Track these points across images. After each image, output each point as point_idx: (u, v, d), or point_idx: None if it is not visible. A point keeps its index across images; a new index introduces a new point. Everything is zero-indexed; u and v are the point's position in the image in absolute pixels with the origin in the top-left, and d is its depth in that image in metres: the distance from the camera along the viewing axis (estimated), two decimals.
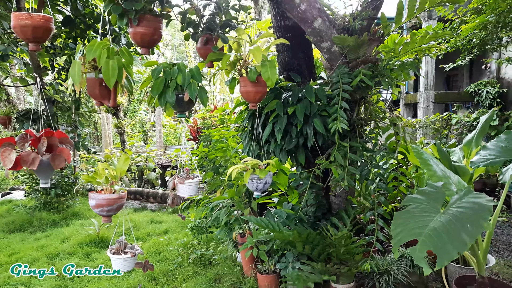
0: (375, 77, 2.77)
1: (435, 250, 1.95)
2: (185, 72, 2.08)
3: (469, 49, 6.42)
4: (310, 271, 2.86)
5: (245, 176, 2.42)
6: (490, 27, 5.54)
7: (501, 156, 2.69)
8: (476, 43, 6.13)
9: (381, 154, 3.07)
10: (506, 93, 7.97)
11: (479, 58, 7.67)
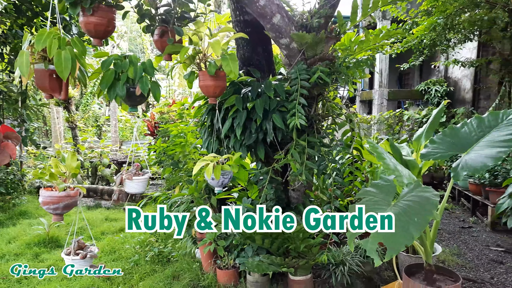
0: (332, 74, 2.84)
1: (385, 242, 2.05)
2: (137, 65, 2.01)
3: (420, 49, 6.76)
4: (270, 263, 2.89)
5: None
6: (439, 29, 5.87)
7: (448, 150, 2.85)
8: (427, 44, 6.46)
9: (337, 149, 3.16)
10: (453, 91, 8.48)
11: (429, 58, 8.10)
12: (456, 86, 8.40)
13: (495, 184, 5.02)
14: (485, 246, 4.39)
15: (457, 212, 5.93)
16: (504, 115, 2.79)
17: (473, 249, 4.30)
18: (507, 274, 3.64)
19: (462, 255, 4.14)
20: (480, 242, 4.53)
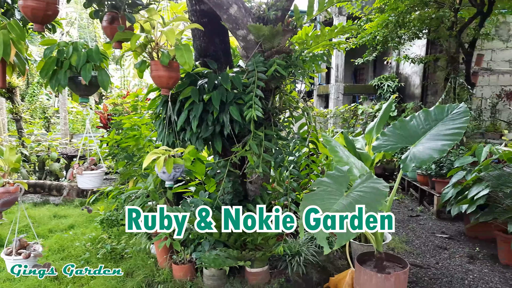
0: (289, 67, 2.85)
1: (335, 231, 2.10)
2: (81, 52, 1.89)
3: (374, 45, 6.99)
4: (227, 256, 2.88)
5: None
6: (391, 26, 6.09)
7: (398, 143, 2.97)
8: (379, 40, 6.69)
9: (294, 142, 3.20)
10: (404, 87, 8.88)
11: (382, 54, 8.41)
12: (406, 82, 8.79)
13: (440, 175, 5.34)
14: (431, 233, 4.66)
15: (406, 202, 6.24)
16: (449, 109, 2.95)
17: (420, 236, 4.55)
18: (450, 259, 3.89)
19: (410, 242, 4.36)
20: (427, 230, 4.80)
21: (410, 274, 3.52)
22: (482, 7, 5.51)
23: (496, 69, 7.58)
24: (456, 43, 6.08)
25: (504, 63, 7.90)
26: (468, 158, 4.65)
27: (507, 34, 7.83)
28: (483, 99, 7.97)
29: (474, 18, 5.70)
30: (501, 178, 3.27)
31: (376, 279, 2.63)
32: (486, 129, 7.48)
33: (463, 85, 6.15)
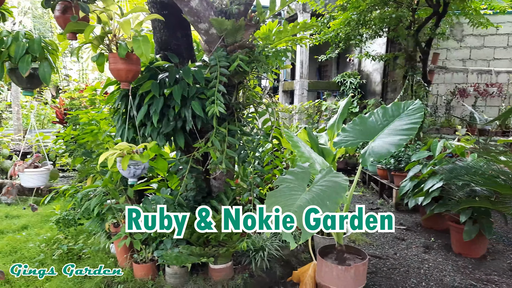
0: (252, 63, 2.84)
1: (300, 225, 2.12)
2: (20, 43, 1.78)
3: (336, 42, 7.12)
4: (189, 254, 2.84)
5: (123, 162, 2.24)
6: (353, 24, 6.23)
7: (358, 138, 3.05)
8: (342, 38, 6.83)
9: (258, 138, 3.20)
10: (365, 84, 9.13)
11: (345, 52, 8.59)
12: (368, 79, 9.05)
13: (399, 168, 5.55)
14: None
15: (367, 195, 6.45)
16: (405, 106, 3.06)
17: None
18: (408, 249, 4.06)
19: (370, 234, 4.51)
20: None
21: (370, 265, 3.64)
22: (437, 8, 5.76)
23: (451, 68, 7.96)
24: (414, 42, 6.32)
25: (458, 62, 8.32)
26: (424, 153, 4.87)
27: (461, 34, 8.25)
28: (438, 96, 8.35)
29: (431, 18, 5.95)
30: (454, 171, 3.44)
31: (337, 271, 2.70)
32: (441, 124, 7.85)
33: (420, 82, 6.41)
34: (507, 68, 8.09)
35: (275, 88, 11.49)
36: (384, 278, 3.38)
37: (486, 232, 3.65)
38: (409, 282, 3.30)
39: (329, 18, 6.64)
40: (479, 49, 8.31)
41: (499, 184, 3.11)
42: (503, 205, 3.01)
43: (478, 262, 3.72)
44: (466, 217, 3.69)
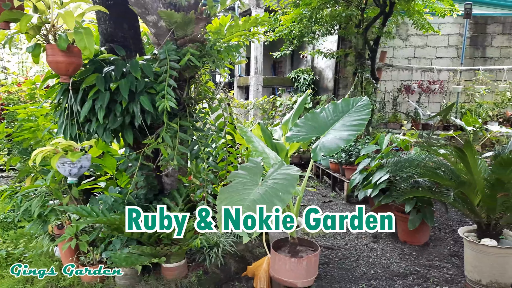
0: (203, 57, 2.79)
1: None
2: None
3: (290, 39, 7.22)
4: (140, 254, 2.75)
5: (53, 160, 2.10)
6: (306, 21, 6.34)
7: (309, 133, 3.11)
8: (295, 35, 6.93)
9: (210, 134, 3.16)
10: (318, 80, 9.34)
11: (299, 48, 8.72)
12: (321, 75, 9.27)
13: (350, 162, 5.75)
14: None
15: (321, 189, 6.63)
16: (354, 102, 3.16)
17: None
18: (358, 239, 4.22)
19: None
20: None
21: (323, 256, 3.75)
22: (384, 8, 6.01)
23: (397, 65, 8.36)
24: (363, 40, 6.56)
25: (404, 60, 8.76)
26: (372, 147, 5.08)
27: (406, 34, 8.68)
28: (386, 92, 8.75)
29: (378, 17, 6.20)
30: (398, 164, 3.62)
31: (290, 264, 2.74)
32: (389, 120, 8.25)
33: (369, 79, 6.67)
34: (447, 66, 8.65)
35: (230, 83, 11.44)
36: (335, 268, 3.49)
37: (428, 220, 3.88)
38: (359, 270, 3.44)
39: (281, 14, 6.70)
40: (423, 48, 8.80)
41: (439, 175, 3.31)
42: (443, 195, 3.21)
43: (422, 249, 3.95)
44: (410, 207, 3.91)
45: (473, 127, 5.74)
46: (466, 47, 8.73)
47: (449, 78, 8.55)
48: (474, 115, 7.48)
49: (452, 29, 8.76)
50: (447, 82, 8.51)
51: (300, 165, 7.89)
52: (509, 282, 3.04)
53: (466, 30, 8.59)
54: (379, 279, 3.27)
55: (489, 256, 2.98)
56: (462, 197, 3.21)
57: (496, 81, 8.49)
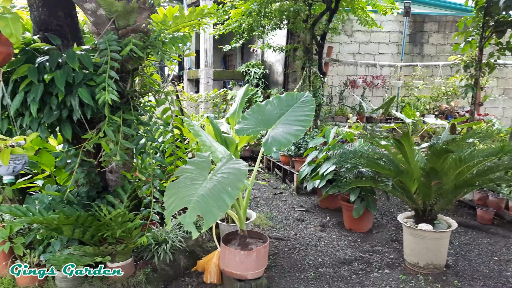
0: (147, 48, 2.70)
1: (202, 214, 2.09)
2: None
3: (240, 33, 7.19)
4: (82, 254, 2.62)
5: (3, 157, 1.94)
6: (255, 15, 6.35)
7: (257, 126, 3.13)
8: (245, 28, 6.91)
9: (157, 128, 3.07)
10: (268, 74, 9.43)
11: (249, 42, 8.73)
12: (271, 69, 9.36)
13: (299, 155, 5.89)
14: (291, 208, 5.12)
15: (272, 181, 6.72)
16: (297, 97, 3.23)
17: (282, 212, 4.95)
18: (307, 229, 4.34)
19: (274, 218, 4.72)
20: (288, 205, 5.25)
21: (273, 247, 3.81)
22: (330, 4, 6.18)
23: (343, 61, 8.66)
24: (310, 35, 6.70)
25: (349, 55, 9.10)
26: (320, 139, 5.23)
27: (351, 30, 9.01)
28: (333, 86, 9.05)
29: (324, 13, 6.36)
30: (343, 155, 3.77)
31: (240, 256, 2.76)
32: (336, 113, 8.54)
33: (317, 73, 6.85)
34: (389, 62, 9.11)
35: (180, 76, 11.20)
36: (285, 258, 3.57)
37: (371, 208, 4.09)
38: (307, 259, 3.54)
39: (230, 6, 6.65)
40: (366, 44, 9.19)
41: (380, 165, 3.49)
42: (384, 184, 3.39)
43: (366, 235, 4.15)
44: (355, 196, 4.09)
45: (412, 119, 6.11)
46: (405, 44, 9.25)
47: (391, 73, 9.03)
48: (413, 108, 7.97)
49: (393, 26, 9.23)
50: (388, 77, 8.98)
51: (252, 158, 7.94)
52: (443, 263, 3.29)
53: (405, 27, 9.09)
54: (326, 266, 3.39)
55: (425, 240, 3.20)
56: (401, 185, 3.42)
57: (433, 76, 9.10)
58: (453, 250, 3.72)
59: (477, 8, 5.68)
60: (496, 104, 9.69)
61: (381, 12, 6.89)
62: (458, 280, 3.14)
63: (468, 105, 7.36)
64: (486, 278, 3.19)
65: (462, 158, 2.99)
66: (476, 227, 4.39)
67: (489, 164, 3.13)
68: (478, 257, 3.59)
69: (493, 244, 3.91)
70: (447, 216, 3.55)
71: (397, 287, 3.02)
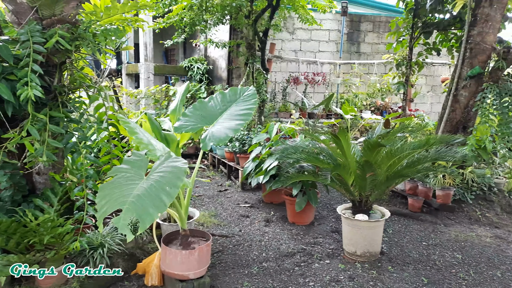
0: (76, 40, 2.52)
1: (138, 215, 2.00)
2: None
3: (182, 27, 7.02)
4: (5, 264, 2.39)
5: None
6: (196, 9, 6.23)
7: (198, 123, 3.07)
8: (187, 22, 6.76)
9: (89, 125, 2.89)
10: (212, 69, 9.33)
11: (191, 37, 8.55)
12: (214, 65, 9.27)
13: (243, 151, 5.90)
14: (236, 205, 5.12)
15: (217, 178, 6.67)
16: (241, 92, 3.22)
17: (227, 209, 4.93)
18: (251, 225, 4.37)
19: (218, 215, 4.68)
20: (233, 202, 5.25)
21: (217, 244, 3.78)
22: (271, 1, 6.24)
23: (286, 57, 8.83)
24: (253, 31, 6.73)
25: (291, 52, 9.29)
26: (264, 135, 5.28)
27: (292, 27, 9.20)
28: (276, 83, 9.19)
29: (266, 9, 6.42)
30: (285, 151, 3.83)
31: (181, 256, 2.70)
32: (280, 109, 8.69)
33: (260, 70, 6.90)
34: (329, 59, 9.45)
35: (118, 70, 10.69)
36: (230, 255, 3.56)
37: (313, 201, 4.21)
38: (252, 255, 3.56)
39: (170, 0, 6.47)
40: (307, 42, 9.45)
41: (320, 159, 3.60)
42: (323, 177, 3.51)
43: (308, 228, 4.27)
44: (297, 190, 4.18)
45: (351, 115, 6.40)
46: (344, 42, 9.65)
47: (331, 70, 9.37)
48: (351, 104, 8.35)
49: (332, 25, 9.58)
50: (329, 74, 9.31)
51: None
52: (378, 250, 3.49)
53: (343, 26, 9.48)
54: (270, 261, 3.43)
55: (361, 230, 3.36)
56: (339, 178, 3.55)
57: (369, 74, 9.60)
58: (387, 238, 3.96)
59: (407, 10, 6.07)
60: (425, 100, 10.48)
61: (320, 10, 7.11)
62: (391, 265, 3.34)
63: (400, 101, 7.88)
64: (416, 262, 3.43)
65: (393, 151, 3.18)
66: (408, 215, 4.71)
67: (418, 156, 3.37)
68: (409, 243, 3.86)
69: (423, 230, 4.22)
70: (381, 206, 3.76)
71: (336, 276, 3.15)
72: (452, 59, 6.92)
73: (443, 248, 3.76)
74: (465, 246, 3.81)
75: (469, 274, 3.23)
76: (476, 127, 4.66)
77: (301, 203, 4.17)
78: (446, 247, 3.77)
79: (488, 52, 4.84)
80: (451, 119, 5.16)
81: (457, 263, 3.44)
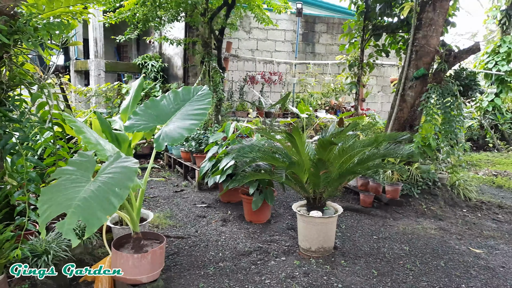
0: (14, 34, 2.35)
1: (84, 219, 1.90)
2: None
3: (134, 23, 6.79)
4: None
5: None
6: (149, 4, 6.05)
7: (150, 122, 2.98)
8: (140, 18, 6.55)
9: (31, 125, 2.71)
10: (167, 67, 9.12)
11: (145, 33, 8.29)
12: (170, 63, 9.07)
13: (200, 150, 5.83)
14: (193, 205, 5.04)
15: (173, 179, 6.54)
16: (195, 91, 3.17)
17: (183, 209, 4.85)
18: (208, 225, 4.32)
19: (174, 216, 4.59)
20: (189, 202, 5.17)
21: (173, 246, 3.70)
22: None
23: (242, 56, 8.84)
24: (209, 29, 6.66)
25: (248, 51, 9.31)
26: (220, 134, 5.25)
27: (249, 27, 9.22)
28: (233, 82, 9.17)
29: (222, 7, 6.38)
30: (242, 150, 3.82)
31: (133, 260, 2.61)
32: (237, 108, 8.68)
33: (216, 68, 6.84)
34: (285, 59, 9.58)
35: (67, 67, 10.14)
36: (185, 256, 3.49)
37: (269, 200, 4.24)
38: (208, 255, 3.52)
39: None
40: (264, 41, 9.52)
41: (275, 158, 3.63)
42: (279, 176, 3.54)
43: (265, 226, 4.30)
44: (253, 189, 4.20)
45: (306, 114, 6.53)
46: (299, 43, 9.83)
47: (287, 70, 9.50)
48: (306, 103, 8.53)
49: (288, 25, 9.72)
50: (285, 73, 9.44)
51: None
52: (331, 245, 3.58)
53: (298, 27, 9.65)
54: (226, 260, 3.41)
55: (316, 226, 3.44)
56: (294, 176, 3.61)
57: (323, 74, 9.85)
58: (340, 233, 4.08)
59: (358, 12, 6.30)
60: (376, 99, 10.95)
61: (276, 10, 7.18)
62: (344, 260, 3.45)
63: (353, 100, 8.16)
64: (367, 255, 3.57)
65: (345, 148, 3.28)
66: (360, 210, 4.89)
67: (368, 153, 3.50)
68: (361, 237, 4.00)
69: (373, 225, 4.40)
70: (335, 202, 3.87)
71: (291, 272, 3.19)
72: (400, 61, 7.28)
73: (392, 241, 3.94)
74: (412, 238, 4.01)
75: (416, 265, 3.40)
76: (421, 126, 4.93)
77: (258, 202, 4.19)
78: (394, 240, 3.96)
79: (432, 54, 5.14)
80: (399, 118, 5.43)
81: (404, 254, 3.62)
